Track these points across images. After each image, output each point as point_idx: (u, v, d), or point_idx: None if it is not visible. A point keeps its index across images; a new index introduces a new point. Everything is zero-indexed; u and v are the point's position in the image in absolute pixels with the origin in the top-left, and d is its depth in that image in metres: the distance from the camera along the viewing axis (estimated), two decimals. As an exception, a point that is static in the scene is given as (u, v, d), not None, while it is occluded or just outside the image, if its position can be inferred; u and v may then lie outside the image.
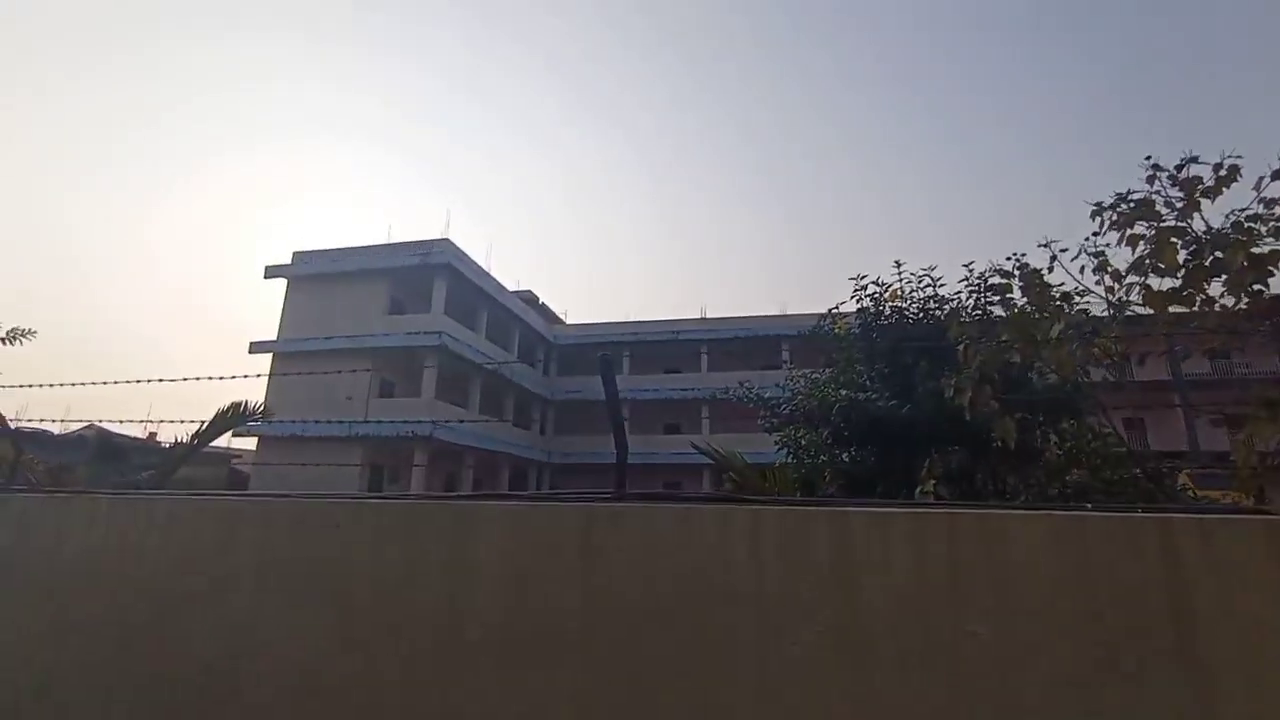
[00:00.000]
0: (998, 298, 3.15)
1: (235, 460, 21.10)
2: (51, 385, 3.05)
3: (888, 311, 4.30)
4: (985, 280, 3.71)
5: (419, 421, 17.69)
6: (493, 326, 24.73)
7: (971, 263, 4.00)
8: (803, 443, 4.19)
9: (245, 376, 3.13)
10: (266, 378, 19.81)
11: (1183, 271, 2.25)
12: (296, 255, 22.61)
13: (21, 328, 6.84)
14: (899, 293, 4.31)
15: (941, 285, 4.29)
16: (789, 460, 4.39)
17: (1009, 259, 3.26)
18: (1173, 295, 2.28)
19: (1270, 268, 2.17)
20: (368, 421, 18.91)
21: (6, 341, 6.76)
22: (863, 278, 4.55)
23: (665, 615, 1.90)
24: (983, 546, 1.73)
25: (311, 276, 22.09)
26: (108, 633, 2.48)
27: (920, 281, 4.40)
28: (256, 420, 6.32)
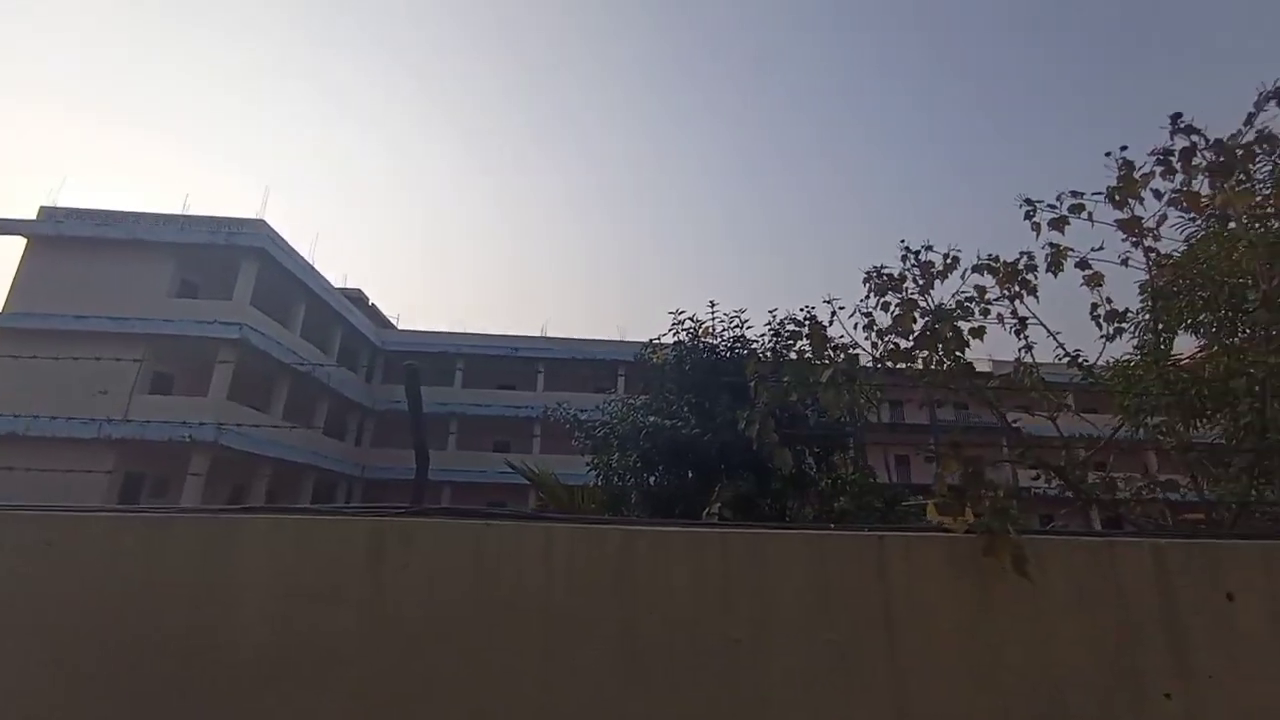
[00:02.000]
0: (792, 343, 3.62)
1: (-86, 463, 16.11)
2: None
3: (701, 347, 4.74)
4: (783, 326, 4.29)
5: (199, 424, 15.16)
6: (311, 325, 22.19)
7: (775, 309, 4.61)
8: (613, 464, 4.40)
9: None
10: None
11: (914, 336, 2.80)
12: (45, 211, 18.33)
13: None
14: (710, 330, 4.78)
15: (749, 328, 4.86)
16: (599, 481, 4.57)
17: (801, 310, 3.78)
18: (907, 354, 2.82)
19: (969, 340, 2.79)
20: (129, 421, 15.71)
21: None
22: (681, 313, 4.99)
23: (451, 633, 1.86)
24: (748, 561, 1.96)
25: (64, 240, 17.97)
26: None
27: (731, 322, 4.93)
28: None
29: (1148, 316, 3.48)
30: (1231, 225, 3.30)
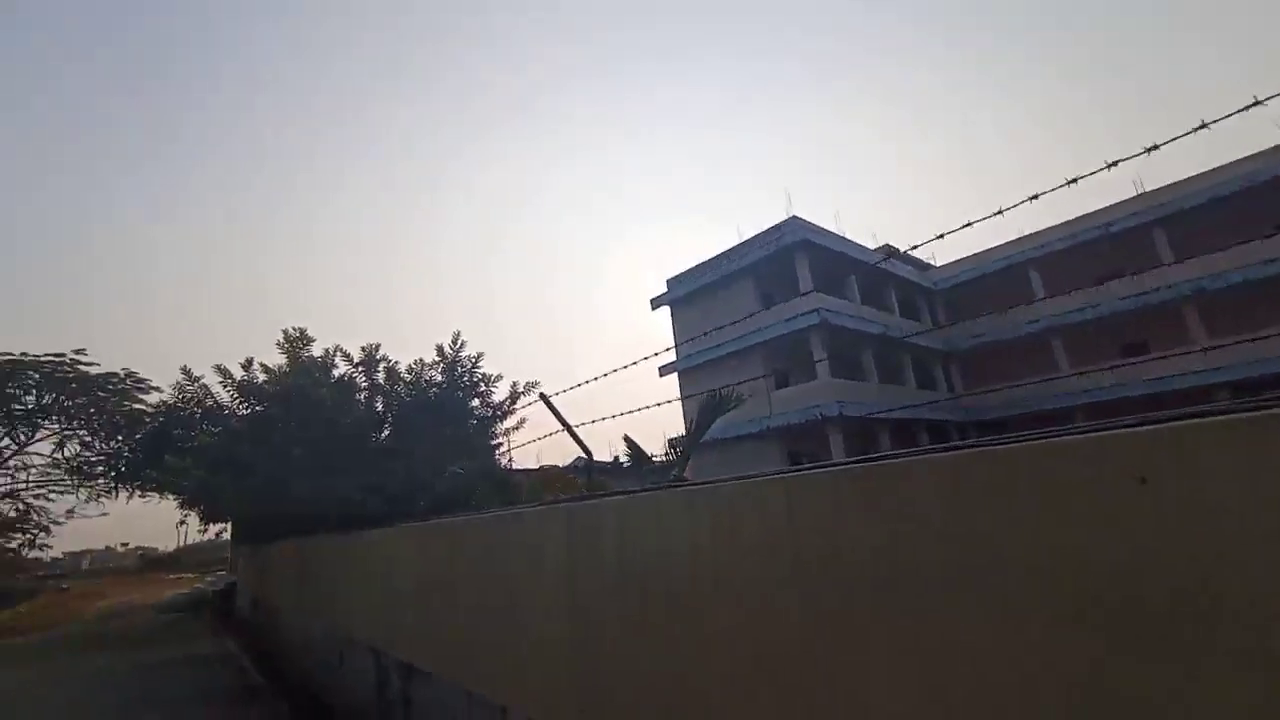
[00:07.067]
0: None
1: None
2: (594, 421, 4.12)
3: None
4: None
5: (814, 406, 17.83)
6: (864, 290, 23.33)
7: None
8: None
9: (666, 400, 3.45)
10: (680, 401, 23.24)
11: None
12: (670, 281, 25.82)
13: (532, 380, 9.98)
14: None
15: None
16: None
17: None
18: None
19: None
20: (772, 415, 20.03)
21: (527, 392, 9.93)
22: None
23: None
24: None
25: (687, 296, 24.70)
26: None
27: None
28: (730, 407, 7.57)
29: None
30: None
